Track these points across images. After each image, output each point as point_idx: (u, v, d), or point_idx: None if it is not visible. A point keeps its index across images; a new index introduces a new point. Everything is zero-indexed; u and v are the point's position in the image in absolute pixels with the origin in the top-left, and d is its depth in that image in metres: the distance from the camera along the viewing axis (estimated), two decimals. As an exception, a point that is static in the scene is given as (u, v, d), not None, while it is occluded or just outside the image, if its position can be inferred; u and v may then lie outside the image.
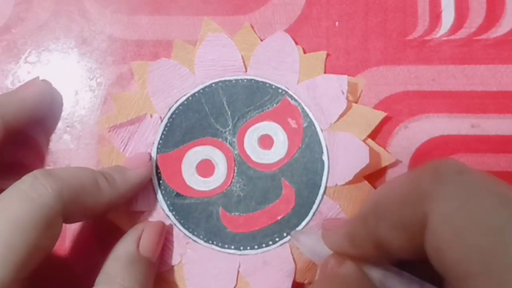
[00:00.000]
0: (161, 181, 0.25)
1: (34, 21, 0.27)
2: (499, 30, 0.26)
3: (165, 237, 0.24)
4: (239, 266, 0.24)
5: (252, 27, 0.26)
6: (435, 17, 0.26)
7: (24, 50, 0.26)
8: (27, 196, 0.18)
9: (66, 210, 0.20)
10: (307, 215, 0.24)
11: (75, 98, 0.26)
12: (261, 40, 0.26)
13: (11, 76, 0.26)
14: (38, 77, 0.25)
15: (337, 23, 0.26)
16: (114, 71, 0.26)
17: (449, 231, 0.14)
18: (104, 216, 0.24)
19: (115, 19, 0.27)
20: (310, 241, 0.21)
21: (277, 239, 0.24)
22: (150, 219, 0.24)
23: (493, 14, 0.26)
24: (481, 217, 0.13)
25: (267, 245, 0.24)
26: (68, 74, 0.26)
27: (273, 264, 0.24)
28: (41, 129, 0.26)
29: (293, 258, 0.24)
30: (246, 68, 0.25)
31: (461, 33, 0.26)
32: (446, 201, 0.14)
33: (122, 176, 0.23)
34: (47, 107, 0.25)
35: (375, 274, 0.18)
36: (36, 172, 0.19)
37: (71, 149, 0.25)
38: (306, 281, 0.24)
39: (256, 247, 0.24)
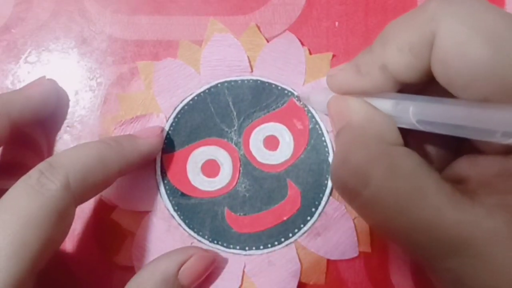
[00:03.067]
0: (166, 181, 0.25)
1: (34, 21, 0.27)
2: (499, 30, 0.26)
3: (172, 237, 0.24)
4: (244, 267, 0.24)
5: (258, 27, 0.26)
6: (435, 17, 0.26)
7: (24, 50, 0.26)
8: (36, 192, 0.18)
9: (77, 197, 0.20)
10: (312, 216, 0.24)
11: (75, 98, 0.26)
12: (267, 41, 0.26)
13: (11, 76, 0.26)
14: (44, 76, 0.25)
15: (337, 23, 0.26)
16: (114, 71, 0.26)
17: (454, 44, 0.15)
18: (106, 216, 0.24)
19: (115, 19, 0.27)
20: (319, 96, 0.21)
21: (282, 239, 0.24)
22: (155, 219, 0.24)
23: (493, 14, 0.26)
24: (483, 28, 0.14)
25: (273, 246, 0.24)
26: (68, 74, 0.26)
27: (279, 264, 0.24)
28: (41, 129, 0.26)
29: (299, 259, 0.24)
30: (252, 68, 0.25)
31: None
32: (452, 18, 0.15)
33: (131, 144, 0.22)
34: (52, 106, 0.25)
35: (385, 102, 0.18)
36: (40, 167, 0.19)
37: (71, 149, 0.25)
38: (311, 282, 0.24)
39: (261, 247, 0.24)
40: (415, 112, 0.16)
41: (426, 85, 0.17)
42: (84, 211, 0.25)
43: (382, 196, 0.15)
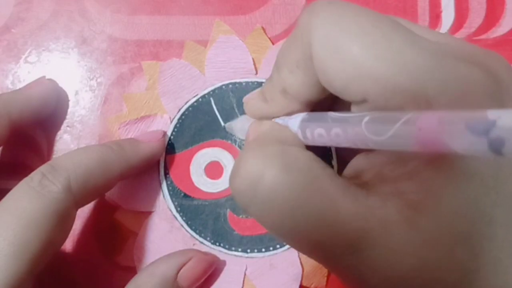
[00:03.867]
0: (169, 182, 0.25)
1: (34, 21, 0.27)
2: (499, 30, 0.26)
3: (174, 238, 0.24)
4: (246, 269, 0.24)
5: (263, 29, 0.26)
6: (435, 17, 0.26)
7: (24, 50, 0.26)
8: (38, 193, 0.19)
9: (78, 199, 0.20)
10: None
11: (75, 98, 0.26)
12: (272, 43, 0.26)
13: (11, 76, 0.26)
14: (44, 76, 0.25)
15: (337, 23, 0.26)
16: (114, 71, 0.26)
17: (327, 49, 0.15)
18: (106, 217, 0.24)
19: (115, 19, 0.27)
20: (239, 123, 0.22)
21: (284, 242, 0.24)
22: (158, 220, 0.24)
23: (493, 14, 0.26)
24: (352, 29, 0.15)
25: (274, 249, 0.24)
26: (68, 74, 0.26)
27: (280, 267, 0.24)
28: (41, 129, 0.26)
29: (300, 262, 0.24)
30: (256, 70, 0.25)
31: (461, 33, 0.26)
32: (322, 25, 0.15)
33: (133, 147, 0.22)
34: (52, 106, 0.25)
35: (292, 121, 0.18)
36: (42, 169, 0.20)
37: (71, 149, 0.25)
38: (312, 285, 0.24)
39: (263, 250, 0.24)
40: (301, 129, 0.17)
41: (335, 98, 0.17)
42: (84, 211, 0.25)
43: (277, 193, 0.15)
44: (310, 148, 0.17)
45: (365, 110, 0.15)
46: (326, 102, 0.17)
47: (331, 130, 0.15)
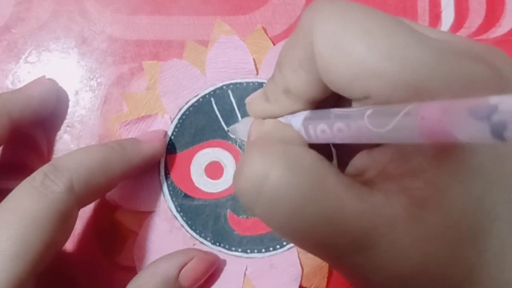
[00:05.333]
0: (169, 182, 0.25)
1: (34, 21, 0.27)
2: (499, 30, 0.26)
3: (174, 238, 0.24)
4: (246, 269, 0.24)
5: (264, 29, 0.26)
6: (435, 17, 0.26)
7: (24, 50, 0.26)
8: (40, 193, 0.19)
9: (80, 200, 0.20)
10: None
11: (75, 98, 0.26)
12: (273, 44, 0.26)
13: (11, 76, 0.26)
14: (44, 76, 0.25)
15: (337, 23, 0.26)
16: (114, 71, 0.26)
17: (329, 48, 0.15)
18: (107, 217, 0.24)
19: (115, 19, 0.27)
20: (242, 126, 0.22)
21: (284, 243, 0.24)
22: (158, 220, 0.24)
23: (493, 14, 0.26)
24: (354, 27, 0.14)
25: (274, 249, 0.24)
26: (68, 74, 0.26)
27: (280, 268, 0.24)
28: (41, 129, 0.26)
29: (300, 263, 0.24)
30: (257, 71, 0.25)
31: (461, 33, 0.26)
32: (324, 23, 0.15)
33: (134, 147, 0.23)
34: (52, 106, 0.25)
35: (295, 119, 0.18)
36: (44, 169, 0.20)
37: (71, 149, 0.25)
38: (312, 286, 0.24)
39: (263, 250, 0.24)
40: (305, 126, 0.17)
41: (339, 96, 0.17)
42: (85, 211, 0.25)
43: (282, 193, 0.15)
44: (313, 147, 0.17)
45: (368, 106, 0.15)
46: (330, 100, 0.17)
47: (334, 125, 0.15)
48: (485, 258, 0.14)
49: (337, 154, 0.20)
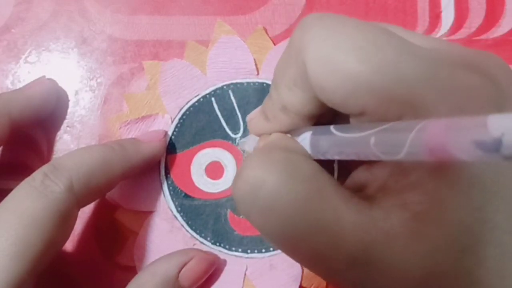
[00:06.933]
0: (169, 182, 0.25)
1: (34, 21, 0.27)
2: (499, 31, 0.26)
3: (174, 238, 0.24)
4: (246, 269, 0.24)
5: (265, 30, 0.26)
6: (435, 17, 0.26)
7: (24, 50, 0.26)
8: (40, 193, 0.19)
9: (80, 199, 0.20)
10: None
11: (75, 98, 0.26)
12: (274, 44, 0.26)
13: (11, 76, 0.26)
14: (44, 76, 0.25)
15: (337, 23, 0.26)
16: (114, 71, 0.26)
17: (321, 65, 0.15)
18: (107, 216, 0.24)
19: (115, 19, 0.27)
20: (251, 140, 0.22)
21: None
22: (158, 220, 0.24)
23: (493, 14, 0.26)
24: (346, 43, 0.14)
25: (274, 249, 0.24)
26: (68, 74, 0.26)
27: (280, 268, 0.24)
28: (41, 129, 0.26)
29: None
30: (258, 71, 0.25)
31: (461, 33, 0.26)
32: (314, 41, 0.15)
33: (134, 147, 0.23)
34: (52, 106, 0.25)
35: (298, 137, 0.18)
36: (44, 169, 0.20)
37: (71, 149, 0.25)
38: (312, 287, 0.24)
39: (263, 250, 0.24)
40: (313, 144, 0.17)
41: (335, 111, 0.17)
42: (84, 211, 0.25)
43: (278, 199, 0.15)
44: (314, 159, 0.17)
45: (365, 121, 0.15)
46: (329, 113, 0.17)
47: (341, 151, 0.15)
48: (485, 268, 0.14)
49: (338, 165, 0.20)
